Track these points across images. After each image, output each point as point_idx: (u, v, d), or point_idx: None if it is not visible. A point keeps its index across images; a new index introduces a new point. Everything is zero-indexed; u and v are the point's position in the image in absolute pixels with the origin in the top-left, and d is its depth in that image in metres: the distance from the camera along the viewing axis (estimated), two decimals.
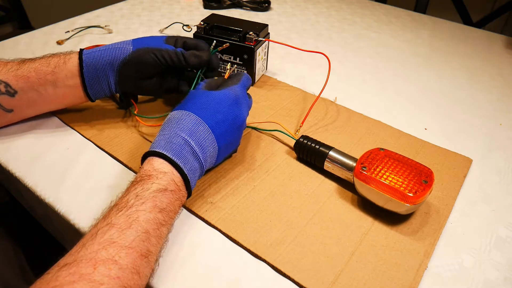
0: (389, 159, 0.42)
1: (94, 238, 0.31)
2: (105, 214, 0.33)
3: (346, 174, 0.44)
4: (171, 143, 0.38)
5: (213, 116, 0.41)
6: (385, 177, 0.40)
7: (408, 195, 0.38)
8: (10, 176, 0.47)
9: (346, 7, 1.02)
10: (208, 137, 0.40)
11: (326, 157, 0.45)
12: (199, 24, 0.61)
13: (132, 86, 0.50)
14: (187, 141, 0.39)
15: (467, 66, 0.75)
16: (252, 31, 0.59)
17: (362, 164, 0.41)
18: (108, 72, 0.48)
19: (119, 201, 0.34)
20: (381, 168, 0.41)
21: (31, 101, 0.48)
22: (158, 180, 0.36)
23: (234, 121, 0.43)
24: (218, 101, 0.43)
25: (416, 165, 0.41)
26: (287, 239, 0.39)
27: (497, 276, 0.37)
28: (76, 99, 0.50)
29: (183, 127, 0.39)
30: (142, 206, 0.33)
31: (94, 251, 0.29)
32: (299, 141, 0.47)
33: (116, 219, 0.32)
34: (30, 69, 0.46)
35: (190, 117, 0.40)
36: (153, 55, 0.47)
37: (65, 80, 0.47)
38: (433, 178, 0.40)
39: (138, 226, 0.32)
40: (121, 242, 0.30)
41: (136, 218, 0.32)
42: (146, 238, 0.32)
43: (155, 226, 0.33)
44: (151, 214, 0.33)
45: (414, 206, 0.39)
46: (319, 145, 0.46)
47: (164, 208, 0.35)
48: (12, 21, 2.06)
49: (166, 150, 0.37)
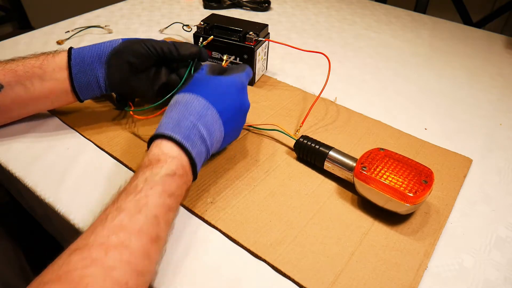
0: (389, 159, 0.42)
1: (104, 223, 0.31)
2: (114, 198, 0.33)
3: (346, 174, 0.44)
4: (179, 126, 0.38)
5: (221, 101, 0.41)
6: (385, 177, 0.40)
7: (408, 195, 0.38)
8: (10, 176, 0.47)
9: (346, 7, 1.02)
10: (216, 122, 0.40)
11: (326, 157, 0.45)
12: (199, 24, 0.61)
13: (122, 82, 0.48)
14: (195, 124, 0.38)
15: (467, 66, 0.75)
16: (252, 31, 0.59)
17: (362, 164, 0.41)
18: (96, 65, 0.46)
19: (128, 186, 0.34)
20: (381, 168, 0.41)
21: (17, 96, 0.46)
22: (167, 165, 0.35)
23: (240, 108, 0.43)
24: (227, 86, 0.42)
25: (416, 165, 0.41)
26: (287, 239, 0.39)
27: (497, 276, 0.37)
28: (63, 96, 0.48)
29: (191, 111, 0.39)
30: (151, 191, 0.33)
31: (105, 236, 0.29)
32: (299, 141, 0.47)
33: (126, 204, 0.32)
34: (18, 63, 0.46)
35: (199, 100, 0.40)
36: (143, 45, 0.46)
37: (52, 74, 0.46)
38: (433, 178, 0.40)
39: (147, 211, 0.32)
40: (131, 227, 0.31)
41: (145, 203, 0.32)
42: (156, 223, 0.32)
43: (164, 211, 0.33)
44: (160, 199, 0.33)
45: (414, 206, 0.39)
46: (319, 145, 0.46)
47: (173, 192, 0.35)
48: (12, 21, 2.06)
49: (174, 133, 0.37)
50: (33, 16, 2.05)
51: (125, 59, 0.46)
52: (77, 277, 0.27)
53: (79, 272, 0.27)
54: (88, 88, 0.47)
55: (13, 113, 0.49)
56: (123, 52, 0.46)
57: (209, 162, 0.47)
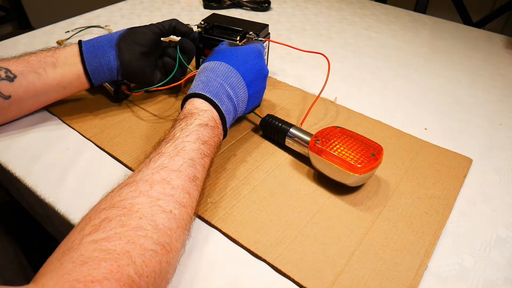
0: (343, 135, 0.45)
1: (148, 164, 0.36)
2: (155, 146, 0.39)
3: (303, 149, 0.47)
4: (209, 86, 0.44)
5: (243, 65, 0.47)
6: (335, 149, 0.43)
7: (355, 166, 0.41)
8: (10, 176, 0.47)
9: (346, 7, 1.02)
10: (239, 83, 0.46)
11: (287, 134, 0.48)
12: (200, 24, 0.61)
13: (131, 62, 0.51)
14: (222, 85, 0.44)
15: (467, 66, 0.75)
16: (252, 31, 0.59)
17: (316, 138, 0.45)
18: (107, 48, 0.50)
19: (167, 135, 0.40)
20: (333, 142, 0.44)
21: (30, 85, 0.48)
22: (199, 117, 0.41)
23: (260, 71, 0.48)
24: (246, 53, 0.48)
25: (368, 141, 0.45)
26: (287, 239, 0.39)
27: (497, 276, 0.37)
28: (75, 81, 0.50)
29: (218, 74, 0.45)
30: (187, 138, 0.38)
31: (149, 174, 0.34)
32: (265, 119, 0.51)
33: (165, 149, 0.37)
34: (30, 55, 0.49)
35: (223, 65, 0.46)
36: (147, 27, 0.53)
37: (65, 60, 0.49)
38: (382, 153, 0.43)
39: (184, 154, 0.37)
40: (171, 167, 0.35)
41: (182, 148, 0.37)
42: (192, 164, 0.37)
43: (199, 156, 0.38)
44: (195, 145, 0.38)
45: (361, 177, 0.42)
46: (282, 123, 0.49)
47: (206, 141, 0.40)
48: (12, 21, 2.06)
49: (205, 91, 0.43)
50: (33, 16, 2.05)
51: (133, 40, 0.51)
52: (128, 204, 0.32)
53: (130, 201, 0.32)
54: (100, 71, 0.51)
55: (25, 103, 0.50)
56: (131, 35, 0.51)
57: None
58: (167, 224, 0.32)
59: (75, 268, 0.27)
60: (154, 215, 0.32)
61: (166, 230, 0.32)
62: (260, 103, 0.52)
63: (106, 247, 0.28)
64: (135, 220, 0.31)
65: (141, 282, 0.28)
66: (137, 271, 0.28)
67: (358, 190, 0.45)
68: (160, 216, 0.32)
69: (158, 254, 0.30)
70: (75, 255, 0.28)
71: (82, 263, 0.27)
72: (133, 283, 0.28)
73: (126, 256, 0.28)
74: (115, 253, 0.28)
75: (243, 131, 0.53)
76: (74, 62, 0.49)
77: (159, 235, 0.31)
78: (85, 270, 0.26)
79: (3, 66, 0.47)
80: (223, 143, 0.50)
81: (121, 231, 0.29)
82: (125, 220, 0.30)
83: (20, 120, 0.53)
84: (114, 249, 0.28)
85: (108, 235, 0.29)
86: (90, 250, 0.28)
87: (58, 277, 0.26)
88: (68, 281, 0.26)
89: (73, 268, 0.27)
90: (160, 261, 0.30)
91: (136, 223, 0.30)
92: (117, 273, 0.27)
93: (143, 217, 0.31)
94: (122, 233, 0.29)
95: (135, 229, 0.30)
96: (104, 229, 0.29)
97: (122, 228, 0.30)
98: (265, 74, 0.50)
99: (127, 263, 0.28)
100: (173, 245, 0.32)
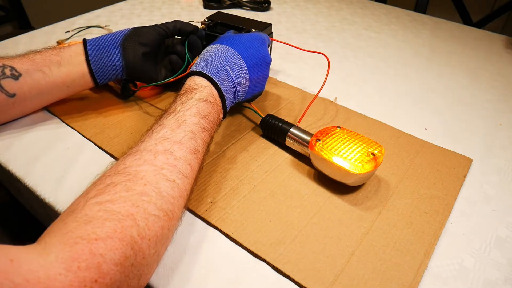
0: (343, 135, 0.45)
1: (150, 135, 0.37)
2: (157, 118, 0.40)
3: (304, 149, 0.47)
4: (209, 65, 0.45)
5: (245, 50, 0.47)
6: (335, 149, 0.43)
7: (355, 165, 0.41)
8: (10, 176, 0.47)
9: (346, 7, 1.02)
10: (241, 66, 0.46)
11: (287, 134, 0.48)
12: (204, 20, 0.61)
13: (135, 63, 0.51)
14: (223, 65, 0.45)
15: (467, 66, 0.75)
16: (255, 30, 0.59)
17: (317, 138, 0.45)
18: (111, 48, 0.51)
19: (169, 108, 0.41)
20: (333, 142, 0.44)
21: (35, 83, 0.48)
22: (199, 92, 0.42)
23: (263, 58, 0.49)
24: (250, 39, 0.49)
25: (368, 141, 0.44)
26: (287, 239, 0.39)
27: (497, 276, 0.37)
28: (79, 80, 0.50)
29: (219, 55, 0.46)
30: (188, 111, 0.39)
31: (152, 145, 0.35)
32: (265, 119, 0.51)
33: (167, 121, 0.38)
34: (35, 53, 0.49)
35: (226, 48, 0.47)
36: (151, 27, 0.53)
37: (69, 59, 0.49)
38: (383, 153, 0.43)
39: (185, 127, 0.38)
40: (173, 138, 0.36)
41: (183, 121, 0.38)
42: (193, 137, 0.38)
43: (199, 129, 0.39)
44: (196, 118, 0.39)
45: (361, 177, 0.42)
46: (282, 123, 0.49)
47: (206, 115, 0.40)
48: (12, 21, 2.05)
49: (205, 70, 0.44)
50: (33, 16, 2.05)
51: (137, 40, 0.52)
52: (133, 171, 0.33)
53: (135, 168, 0.33)
54: (105, 70, 0.51)
55: (29, 102, 0.50)
56: (135, 35, 0.52)
57: (209, 162, 0.47)
58: (170, 193, 0.33)
59: (79, 226, 0.27)
60: (158, 183, 0.33)
61: (169, 198, 0.33)
62: (262, 92, 0.53)
63: (110, 208, 0.29)
64: (140, 186, 0.31)
65: (142, 244, 0.29)
66: (140, 233, 0.29)
67: (358, 190, 0.45)
68: (164, 184, 0.33)
69: (161, 220, 0.31)
70: (79, 215, 0.28)
71: (86, 222, 0.28)
72: (135, 244, 0.29)
73: (130, 218, 0.29)
74: (120, 214, 0.29)
75: (243, 131, 0.53)
76: (79, 61, 0.49)
77: (163, 202, 0.32)
78: (89, 228, 0.27)
79: (8, 64, 0.47)
80: (223, 143, 0.50)
81: (126, 195, 0.30)
82: (130, 185, 0.31)
83: (20, 120, 0.53)
84: (118, 210, 0.29)
85: (113, 198, 0.30)
86: (95, 210, 0.29)
87: (61, 235, 0.27)
88: (72, 238, 0.26)
89: (77, 227, 0.27)
90: (162, 226, 0.31)
91: (141, 189, 0.31)
92: (121, 233, 0.28)
93: (147, 183, 0.32)
94: (127, 197, 0.30)
95: (139, 194, 0.31)
96: (109, 192, 0.30)
97: (127, 192, 0.31)
98: (268, 61, 0.50)
99: (131, 225, 0.29)
100: (175, 213, 0.33)
